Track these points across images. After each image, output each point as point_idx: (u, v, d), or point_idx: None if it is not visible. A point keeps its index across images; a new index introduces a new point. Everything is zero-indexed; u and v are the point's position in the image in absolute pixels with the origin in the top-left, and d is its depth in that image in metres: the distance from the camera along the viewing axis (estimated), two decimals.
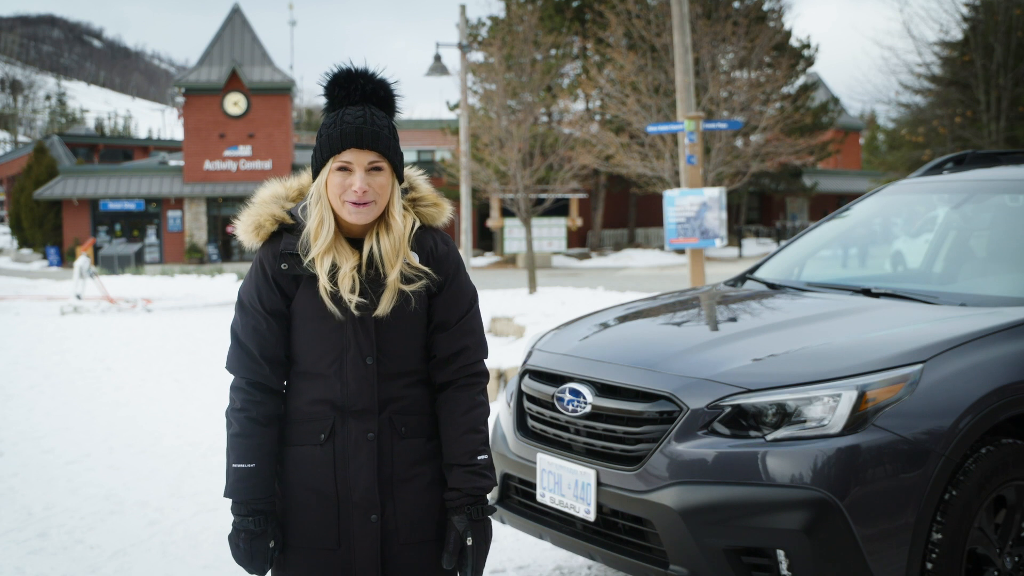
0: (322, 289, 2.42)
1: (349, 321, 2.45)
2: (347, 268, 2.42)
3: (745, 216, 43.52)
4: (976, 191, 5.02)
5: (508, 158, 18.70)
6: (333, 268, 2.43)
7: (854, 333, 3.72)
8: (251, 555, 2.48)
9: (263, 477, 2.48)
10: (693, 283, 10.84)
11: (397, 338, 2.48)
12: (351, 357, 2.46)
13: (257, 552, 2.48)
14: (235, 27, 41.50)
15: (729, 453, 3.31)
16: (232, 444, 2.50)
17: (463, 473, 2.51)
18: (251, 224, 2.50)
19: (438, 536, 2.56)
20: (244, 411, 2.49)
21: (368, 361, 2.46)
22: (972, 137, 26.95)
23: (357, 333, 2.45)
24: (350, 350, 2.46)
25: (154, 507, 5.73)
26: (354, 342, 2.45)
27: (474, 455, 2.52)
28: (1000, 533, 3.46)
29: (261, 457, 2.48)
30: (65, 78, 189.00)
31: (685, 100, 11.13)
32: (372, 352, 2.46)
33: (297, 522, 2.52)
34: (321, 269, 2.42)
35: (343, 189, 2.40)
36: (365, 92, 2.44)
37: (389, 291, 2.43)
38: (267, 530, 2.49)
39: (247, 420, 2.48)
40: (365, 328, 2.45)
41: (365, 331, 2.45)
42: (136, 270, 33.92)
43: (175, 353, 12.55)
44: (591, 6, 31.19)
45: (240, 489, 2.47)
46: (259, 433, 2.48)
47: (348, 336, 2.45)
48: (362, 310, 2.44)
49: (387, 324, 2.46)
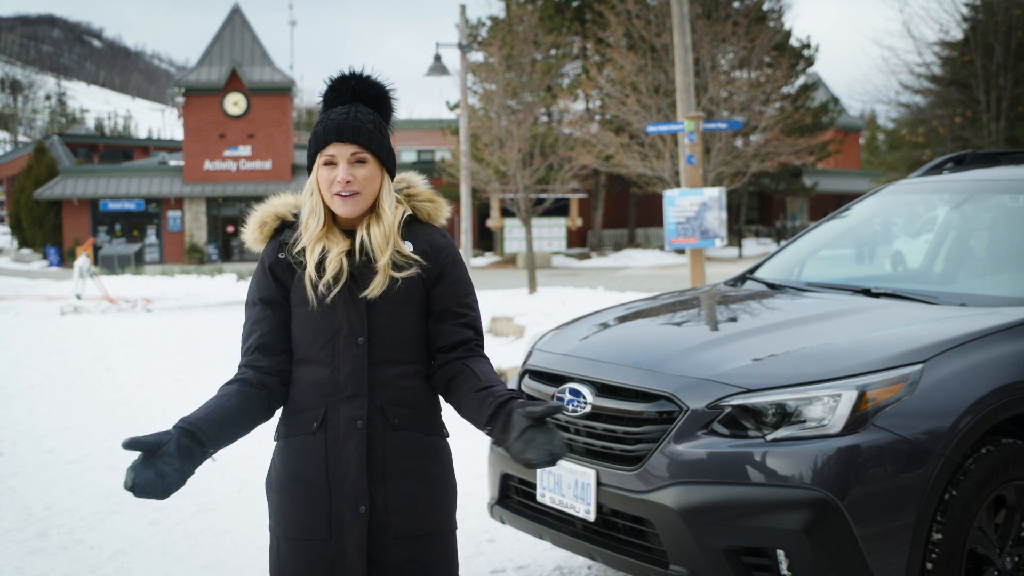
0: (307, 277, 2.50)
1: (341, 304, 2.50)
2: (335, 252, 2.49)
3: (745, 216, 43.52)
4: (976, 191, 5.02)
5: (508, 158, 18.70)
6: (323, 255, 2.51)
7: (854, 333, 3.72)
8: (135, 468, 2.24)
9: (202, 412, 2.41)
10: (693, 283, 10.84)
11: (390, 322, 2.52)
12: (343, 337, 2.50)
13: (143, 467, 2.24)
14: (235, 27, 41.50)
15: (729, 453, 3.31)
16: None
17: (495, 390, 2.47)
18: (256, 223, 2.61)
19: (432, 532, 2.56)
20: (233, 379, 2.55)
21: (360, 341, 2.49)
22: (972, 137, 26.95)
23: (349, 313, 2.50)
24: (342, 330, 2.50)
25: (154, 507, 5.73)
26: (346, 322, 2.49)
27: (503, 385, 2.51)
28: (1000, 533, 3.46)
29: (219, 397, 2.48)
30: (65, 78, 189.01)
31: (685, 100, 11.13)
32: (363, 332, 2.49)
33: (290, 513, 2.54)
34: (310, 256, 2.51)
35: (330, 182, 2.49)
36: (354, 92, 2.55)
37: (380, 275, 2.49)
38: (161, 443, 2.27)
39: (229, 382, 2.54)
40: (357, 308, 2.50)
41: (357, 311, 2.50)
42: (136, 270, 33.92)
43: (175, 353, 12.55)
44: (591, 6, 31.18)
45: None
46: (227, 391, 2.50)
47: (340, 317, 2.50)
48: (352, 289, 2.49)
49: (379, 307, 2.50)
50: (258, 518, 5.29)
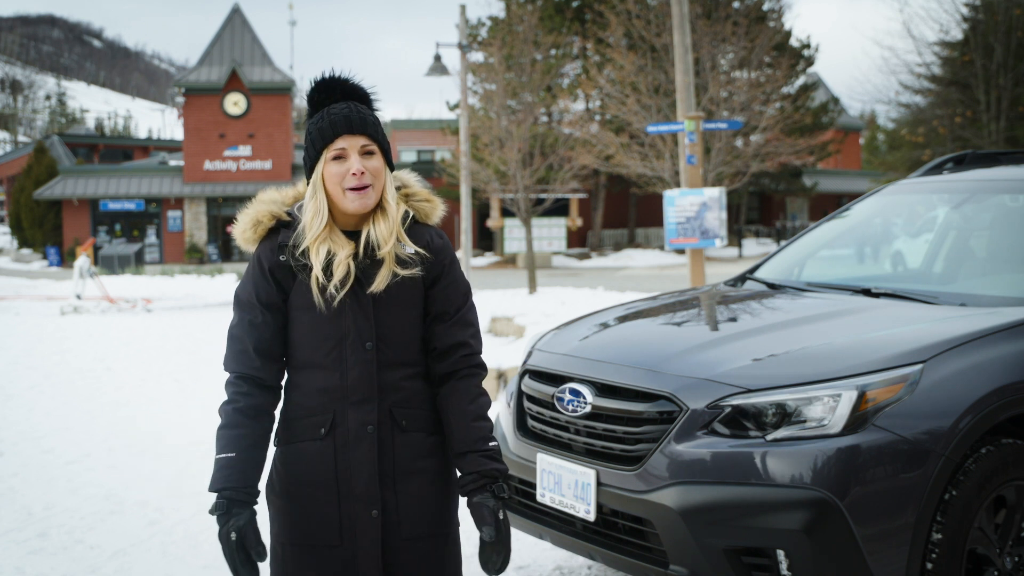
0: (314, 279, 2.45)
1: (348, 308, 2.46)
2: (343, 255, 2.45)
3: (745, 216, 43.51)
4: (976, 191, 5.02)
5: (508, 158, 18.70)
6: (329, 258, 2.46)
7: (854, 333, 3.72)
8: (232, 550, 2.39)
9: (242, 468, 2.45)
10: (693, 283, 10.84)
11: (395, 324, 2.50)
12: (351, 343, 2.47)
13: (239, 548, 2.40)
14: (235, 27, 41.50)
15: (729, 453, 3.31)
16: (218, 436, 2.50)
17: (477, 457, 2.52)
18: (249, 221, 2.54)
19: (441, 531, 2.57)
20: (232, 403, 2.50)
21: (368, 346, 2.47)
22: (972, 137, 26.94)
23: (357, 318, 2.47)
24: (350, 336, 2.47)
25: (154, 507, 5.73)
26: (354, 327, 2.47)
27: (486, 441, 2.53)
28: (1000, 533, 3.46)
29: (243, 448, 2.46)
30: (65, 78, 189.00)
31: (685, 100, 11.13)
32: (371, 337, 2.47)
33: (298, 519, 2.51)
34: (316, 258, 2.46)
35: (342, 176, 2.45)
36: (345, 91, 2.54)
37: (385, 268, 2.46)
38: (243, 521, 2.41)
39: (234, 411, 2.49)
40: (364, 313, 2.47)
41: (364, 315, 2.47)
42: (136, 270, 33.93)
43: (175, 353, 12.55)
44: (591, 6, 31.18)
45: (218, 479, 2.44)
46: (244, 424, 2.47)
47: (347, 322, 2.47)
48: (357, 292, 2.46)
49: (384, 308, 2.48)
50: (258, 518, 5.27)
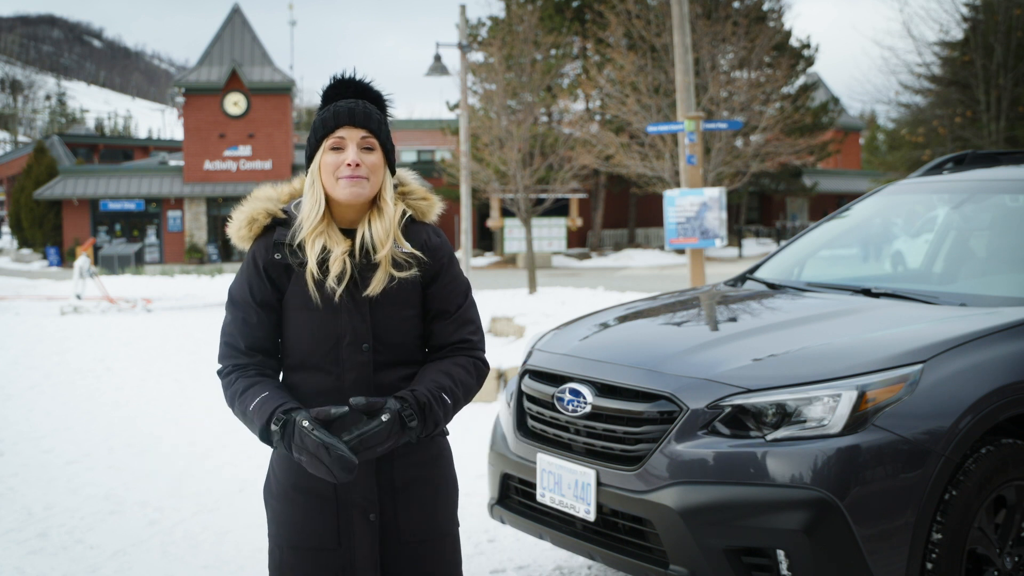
0: (309, 273, 2.43)
1: (344, 309, 2.44)
2: (338, 252, 2.43)
3: (745, 216, 43.51)
4: (976, 191, 5.02)
5: (508, 158, 18.70)
6: (324, 254, 2.44)
7: (854, 333, 3.72)
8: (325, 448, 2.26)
9: (281, 394, 2.41)
10: (693, 283, 10.84)
11: (392, 324, 2.48)
12: (347, 345, 2.45)
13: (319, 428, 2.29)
14: (235, 27, 41.49)
15: (729, 453, 3.31)
16: (239, 400, 2.43)
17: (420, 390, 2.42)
18: (244, 219, 2.51)
19: (440, 534, 2.56)
20: (236, 373, 2.48)
21: (364, 347, 2.45)
22: (972, 137, 26.93)
23: (353, 319, 2.44)
24: (346, 337, 2.45)
25: (154, 507, 5.73)
26: (350, 329, 2.45)
27: (440, 388, 2.44)
28: (1000, 533, 3.46)
29: (270, 388, 2.42)
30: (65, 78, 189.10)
31: (685, 100, 11.13)
32: (368, 338, 2.45)
33: (295, 522, 2.50)
34: (311, 252, 2.43)
35: (337, 166, 2.44)
36: (357, 90, 2.54)
37: (381, 270, 2.44)
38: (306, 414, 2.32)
39: (244, 377, 2.46)
40: (360, 314, 2.45)
41: (361, 317, 2.45)
42: (136, 270, 33.92)
43: (175, 353, 12.54)
44: (591, 6, 31.19)
45: (264, 411, 2.36)
46: (258, 380, 2.45)
47: (344, 324, 2.45)
48: (353, 293, 2.44)
49: (380, 309, 2.46)
50: (258, 518, 5.28)
